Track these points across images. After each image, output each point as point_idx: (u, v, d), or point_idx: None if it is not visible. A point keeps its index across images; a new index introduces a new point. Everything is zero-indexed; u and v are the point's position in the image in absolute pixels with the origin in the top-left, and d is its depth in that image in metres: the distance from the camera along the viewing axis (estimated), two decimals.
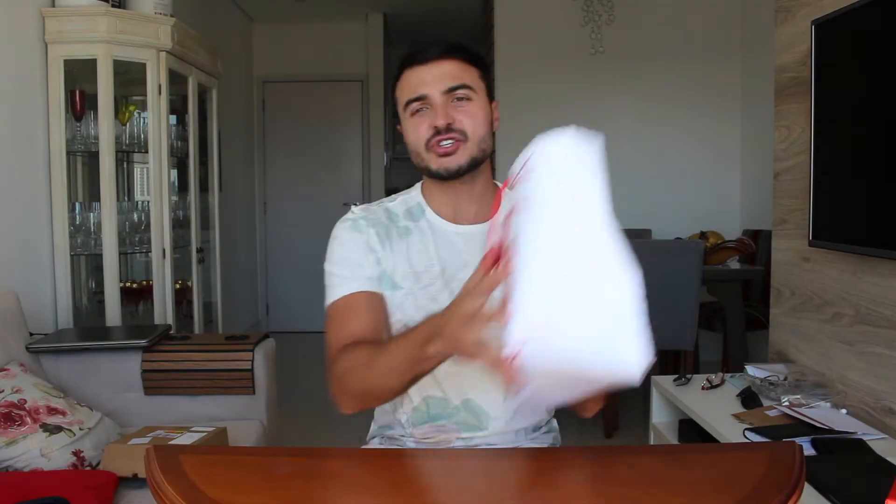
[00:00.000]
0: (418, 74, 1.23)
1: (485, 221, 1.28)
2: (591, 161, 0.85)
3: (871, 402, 2.03)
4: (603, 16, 4.47)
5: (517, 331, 0.80)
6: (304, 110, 5.97)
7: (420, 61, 1.24)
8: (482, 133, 1.24)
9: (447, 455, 1.08)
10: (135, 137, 2.89)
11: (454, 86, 1.22)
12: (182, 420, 2.23)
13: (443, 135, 1.21)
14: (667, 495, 0.83)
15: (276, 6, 5.52)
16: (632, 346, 0.78)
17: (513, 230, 0.86)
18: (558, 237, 0.81)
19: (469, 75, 1.24)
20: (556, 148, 0.85)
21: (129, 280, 2.97)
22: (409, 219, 1.31)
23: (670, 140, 4.66)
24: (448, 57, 1.23)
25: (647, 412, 2.64)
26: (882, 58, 1.88)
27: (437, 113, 1.21)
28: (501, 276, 0.85)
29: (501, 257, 0.87)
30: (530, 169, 0.84)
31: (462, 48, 1.26)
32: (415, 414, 1.28)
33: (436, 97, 1.21)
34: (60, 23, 2.61)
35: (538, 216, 0.83)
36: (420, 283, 1.25)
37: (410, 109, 1.24)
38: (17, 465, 1.73)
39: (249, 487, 0.86)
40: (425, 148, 1.23)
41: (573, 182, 0.83)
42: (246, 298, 5.58)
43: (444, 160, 1.22)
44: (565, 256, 0.81)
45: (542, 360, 0.80)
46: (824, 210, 2.16)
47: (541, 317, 0.79)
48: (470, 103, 1.23)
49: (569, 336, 0.79)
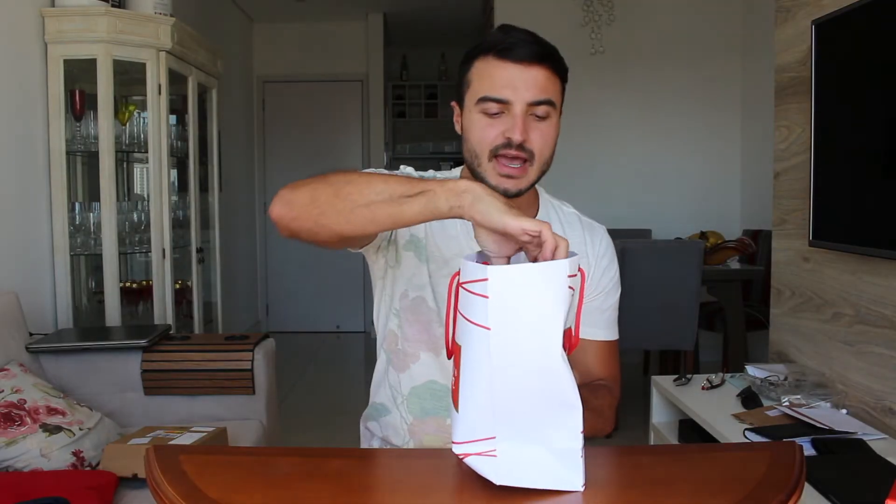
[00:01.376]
0: (507, 72, 1.11)
1: None
2: (552, 295, 0.79)
3: (871, 402, 2.03)
4: (603, 16, 4.48)
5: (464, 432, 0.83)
6: (304, 110, 5.97)
7: (512, 57, 1.11)
8: (548, 155, 1.16)
9: (447, 455, 1.08)
10: (135, 137, 2.89)
11: (540, 100, 1.11)
12: (182, 420, 2.23)
13: (513, 149, 1.12)
14: (667, 495, 0.83)
15: (276, 6, 5.52)
16: (576, 475, 0.81)
17: (460, 332, 0.84)
18: (514, 357, 0.80)
19: (554, 89, 1.14)
20: (515, 283, 0.79)
21: (129, 280, 2.97)
22: None
23: (670, 140, 4.66)
24: (542, 63, 1.12)
25: (647, 412, 2.64)
26: (882, 58, 1.88)
27: (516, 125, 1.11)
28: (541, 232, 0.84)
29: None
30: (485, 289, 0.79)
31: (556, 55, 1.15)
32: (411, 398, 1.25)
33: (518, 106, 1.11)
34: (60, 23, 2.61)
35: (497, 336, 0.80)
36: (447, 269, 1.21)
37: (485, 107, 1.13)
38: (16, 465, 1.73)
39: (249, 487, 0.86)
40: (488, 156, 1.14)
41: (531, 313, 0.79)
42: (246, 298, 5.58)
43: (506, 181, 1.14)
44: (520, 376, 0.80)
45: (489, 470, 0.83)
46: (824, 210, 2.16)
47: (489, 432, 0.82)
48: (547, 122, 1.14)
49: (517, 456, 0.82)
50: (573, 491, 0.81)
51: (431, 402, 1.24)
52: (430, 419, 1.25)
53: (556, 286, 0.79)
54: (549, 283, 0.79)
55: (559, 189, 1.39)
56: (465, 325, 0.83)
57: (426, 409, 1.25)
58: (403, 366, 1.26)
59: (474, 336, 0.81)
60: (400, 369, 1.27)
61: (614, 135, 4.67)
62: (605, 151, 4.68)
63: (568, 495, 0.81)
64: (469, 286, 0.81)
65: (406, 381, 1.26)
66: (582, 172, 4.61)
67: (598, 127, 4.66)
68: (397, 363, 1.27)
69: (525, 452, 0.81)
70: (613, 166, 4.68)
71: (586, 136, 4.64)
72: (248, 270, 5.69)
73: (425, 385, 1.24)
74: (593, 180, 4.63)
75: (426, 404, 1.25)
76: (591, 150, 4.65)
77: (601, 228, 1.32)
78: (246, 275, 5.60)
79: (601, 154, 4.68)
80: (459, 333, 0.85)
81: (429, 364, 1.24)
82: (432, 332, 1.22)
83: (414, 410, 1.26)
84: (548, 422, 0.81)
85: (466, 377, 0.83)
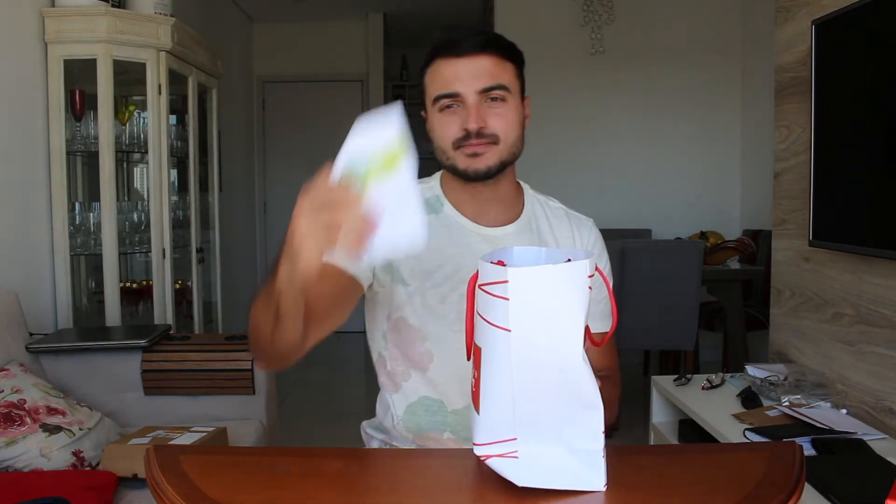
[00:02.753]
0: (453, 68, 1.16)
1: (506, 224, 1.25)
2: (573, 296, 0.79)
3: (871, 402, 2.03)
4: (603, 16, 4.48)
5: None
6: (304, 110, 5.97)
7: (456, 53, 1.16)
8: (514, 136, 1.18)
9: (447, 455, 1.08)
10: (135, 137, 2.89)
11: (490, 86, 1.15)
12: (182, 420, 2.23)
13: (473, 138, 1.15)
14: (667, 495, 0.83)
15: (276, 6, 5.52)
16: (598, 476, 0.82)
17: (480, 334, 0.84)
18: (535, 359, 0.80)
19: (506, 73, 1.17)
20: (536, 284, 0.78)
21: (129, 280, 2.97)
22: (428, 210, 1.25)
23: (670, 140, 4.66)
24: (486, 52, 1.16)
25: (647, 412, 2.64)
26: (882, 58, 1.88)
27: (470, 115, 1.15)
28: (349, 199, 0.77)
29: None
30: (506, 291, 0.79)
31: (501, 41, 1.18)
32: (407, 416, 1.26)
33: (469, 96, 1.15)
34: (60, 23, 2.61)
35: (518, 336, 0.79)
36: (430, 282, 1.22)
37: (440, 105, 1.17)
38: (16, 465, 1.73)
39: (249, 487, 0.86)
40: (453, 147, 1.18)
41: (551, 314, 0.78)
42: (246, 298, 5.49)
43: (473, 160, 1.17)
44: (542, 377, 0.80)
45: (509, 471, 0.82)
46: (824, 210, 2.16)
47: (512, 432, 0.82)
48: (504, 104, 1.17)
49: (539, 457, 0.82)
50: (595, 491, 0.81)
51: (427, 418, 1.25)
52: (427, 435, 1.26)
53: (577, 287, 0.79)
54: (569, 283, 0.79)
55: (559, 189, 1.40)
56: (484, 326, 0.82)
57: (422, 426, 1.25)
58: (396, 386, 1.27)
59: (495, 338, 0.80)
60: (393, 390, 1.27)
61: (614, 135, 4.67)
62: (604, 151, 4.68)
63: (568, 493, 0.81)
64: (488, 288, 0.81)
65: (400, 401, 1.27)
66: (582, 172, 4.61)
67: (598, 127, 4.66)
68: (390, 386, 1.28)
69: (547, 453, 0.81)
70: (613, 166, 4.68)
71: (586, 136, 4.64)
72: (248, 270, 5.69)
73: (419, 402, 1.25)
74: (593, 180, 4.63)
75: (422, 421, 1.25)
76: (591, 150, 4.65)
77: (588, 221, 1.33)
78: (246, 275, 5.60)
79: (601, 154, 4.68)
80: (479, 335, 0.84)
81: (417, 380, 1.24)
82: (415, 349, 1.23)
83: (411, 428, 1.27)
84: (569, 422, 0.81)
85: (487, 379, 0.83)
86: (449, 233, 1.24)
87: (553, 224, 1.29)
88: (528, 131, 1.24)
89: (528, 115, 1.24)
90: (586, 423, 0.81)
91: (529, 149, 1.28)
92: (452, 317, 1.21)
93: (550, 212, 1.31)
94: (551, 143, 4.54)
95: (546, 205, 1.32)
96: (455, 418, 1.24)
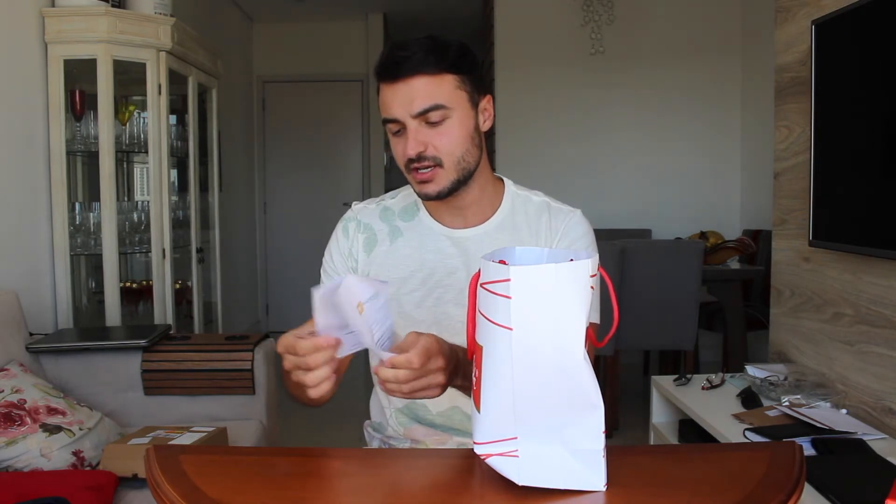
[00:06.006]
0: (390, 92, 1.14)
1: (479, 224, 1.26)
2: (574, 296, 0.79)
3: (871, 402, 2.03)
4: (603, 16, 4.48)
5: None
6: (304, 110, 5.97)
7: (389, 78, 1.14)
8: (460, 153, 1.16)
9: (447, 455, 1.08)
10: (135, 137, 2.89)
11: (424, 108, 1.12)
12: (182, 420, 2.23)
13: (416, 163, 1.15)
14: (667, 495, 0.83)
15: (276, 6, 5.52)
16: (598, 476, 0.82)
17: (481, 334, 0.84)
18: (536, 358, 0.80)
19: (442, 90, 1.13)
20: (538, 283, 0.79)
21: (129, 280, 2.97)
22: (404, 218, 1.29)
23: (670, 140, 4.66)
24: (418, 73, 1.12)
25: (647, 412, 2.64)
26: (882, 58, 1.88)
27: (408, 143, 1.14)
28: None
29: None
30: (508, 290, 0.79)
31: (433, 56, 1.12)
32: (395, 418, 1.29)
33: (407, 121, 1.13)
34: (60, 23, 2.61)
35: (519, 335, 0.79)
36: (405, 289, 1.24)
37: (389, 129, 1.17)
38: (17, 465, 1.72)
39: (249, 487, 0.86)
40: (406, 169, 1.18)
41: (553, 314, 0.79)
42: (246, 298, 5.57)
43: (423, 186, 1.17)
44: (543, 377, 0.80)
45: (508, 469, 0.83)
46: (824, 210, 2.16)
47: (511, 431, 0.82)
48: (444, 124, 1.14)
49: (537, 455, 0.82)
50: (595, 491, 0.81)
51: (415, 420, 1.28)
52: (417, 436, 1.28)
53: (579, 286, 0.79)
54: (572, 283, 0.79)
55: (559, 188, 1.39)
56: (486, 325, 0.82)
57: (411, 428, 1.28)
58: None
59: (496, 336, 0.81)
60: (383, 393, 1.30)
61: (614, 135, 4.67)
62: (605, 151, 4.68)
63: (567, 493, 0.81)
64: (490, 286, 0.81)
65: (389, 402, 1.30)
66: (582, 172, 4.61)
67: (597, 127, 4.66)
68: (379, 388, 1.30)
69: (547, 452, 0.82)
70: (613, 166, 4.68)
71: (586, 136, 4.64)
72: (248, 270, 5.69)
73: (406, 405, 1.28)
74: (593, 180, 4.63)
75: (410, 423, 1.28)
76: (591, 150, 4.65)
77: (574, 213, 1.28)
78: (246, 275, 5.60)
79: (601, 154, 4.68)
80: (480, 334, 0.85)
81: None
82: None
83: (400, 431, 1.29)
84: (570, 422, 0.81)
85: (488, 377, 0.83)
86: (421, 239, 1.26)
87: (531, 218, 1.27)
88: (528, 131, 1.24)
89: (489, 114, 1.21)
90: (587, 422, 0.81)
91: (530, 148, 1.28)
92: (429, 321, 1.22)
93: (531, 206, 1.28)
94: (551, 142, 4.54)
95: (528, 199, 1.29)
96: (441, 419, 1.26)
